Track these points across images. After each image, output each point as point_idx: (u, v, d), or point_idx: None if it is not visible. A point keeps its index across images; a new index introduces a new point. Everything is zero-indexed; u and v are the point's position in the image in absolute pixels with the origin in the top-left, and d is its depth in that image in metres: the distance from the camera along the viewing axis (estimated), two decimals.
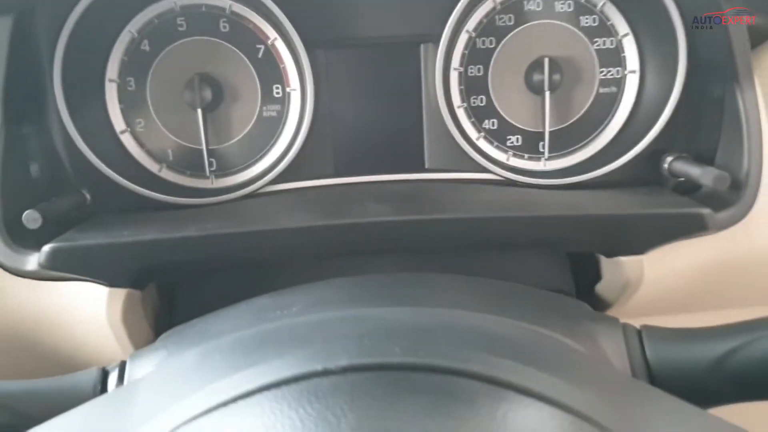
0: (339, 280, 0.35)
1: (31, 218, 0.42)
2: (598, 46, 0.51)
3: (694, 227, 0.42)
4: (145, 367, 0.31)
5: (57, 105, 0.46)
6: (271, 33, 0.50)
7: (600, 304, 0.49)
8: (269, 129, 0.51)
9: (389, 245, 0.45)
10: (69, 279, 0.43)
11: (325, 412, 0.21)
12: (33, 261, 0.42)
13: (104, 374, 0.32)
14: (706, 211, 0.42)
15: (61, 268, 0.41)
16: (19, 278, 0.43)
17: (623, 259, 0.44)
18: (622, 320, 0.33)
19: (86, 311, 0.42)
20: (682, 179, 0.48)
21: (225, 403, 0.22)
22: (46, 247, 0.41)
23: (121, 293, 0.42)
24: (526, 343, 0.28)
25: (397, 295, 0.32)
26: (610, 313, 0.49)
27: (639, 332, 0.33)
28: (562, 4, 0.50)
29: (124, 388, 0.29)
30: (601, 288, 0.49)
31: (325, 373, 0.23)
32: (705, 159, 0.47)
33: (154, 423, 0.23)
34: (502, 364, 0.24)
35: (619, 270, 0.45)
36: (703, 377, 0.30)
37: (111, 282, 0.42)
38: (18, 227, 0.43)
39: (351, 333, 0.26)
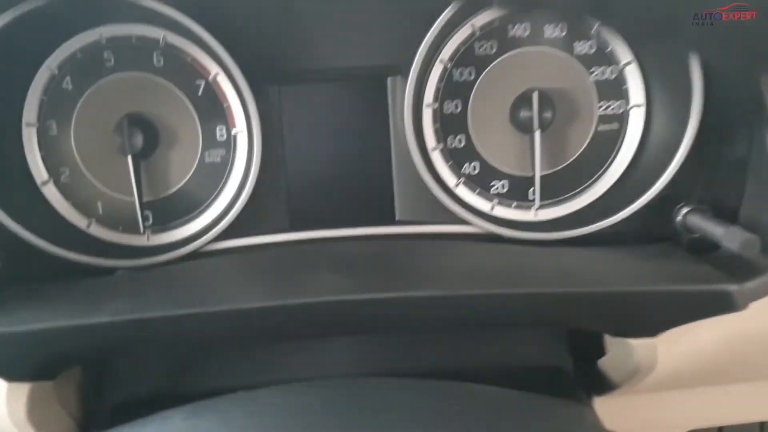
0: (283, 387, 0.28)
1: None
2: (596, 76, 0.43)
3: (719, 307, 0.34)
4: None
5: None
6: (213, 67, 0.43)
7: (604, 383, 0.41)
8: (213, 177, 0.44)
9: (349, 326, 0.38)
10: None
11: None
12: None
13: None
14: (734, 287, 0.34)
15: None
16: None
17: (632, 341, 0.36)
18: (631, 397, 0.26)
19: None
20: (699, 236, 0.40)
21: None
22: None
23: (23, 388, 0.35)
24: None
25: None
26: (618, 393, 0.41)
27: None
28: (554, 28, 0.43)
29: None
30: (605, 365, 0.41)
31: None
32: (726, 211, 0.39)
33: None
34: None
35: (627, 351, 0.37)
36: None
37: (9, 376, 0.35)
38: None
39: None
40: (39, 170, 0.43)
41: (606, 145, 0.44)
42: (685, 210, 0.40)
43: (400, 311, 0.37)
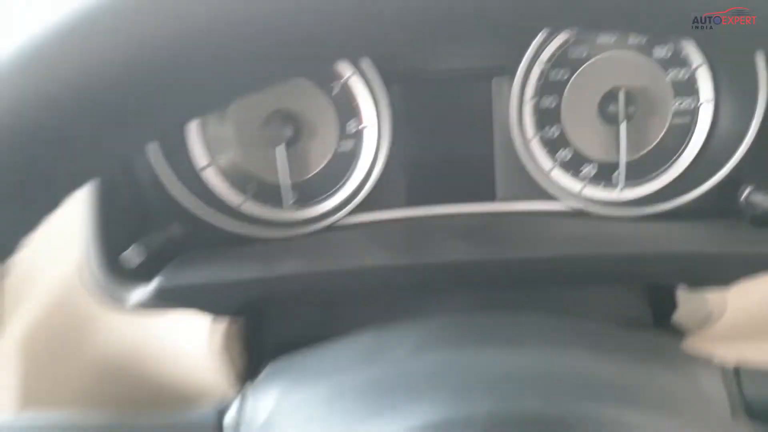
0: (434, 320, 0.36)
1: (130, 257, 0.44)
2: (671, 76, 0.51)
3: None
4: (261, 406, 0.32)
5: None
6: (347, 70, 0.51)
7: (677, 333, 0.50)
8: (344, 163, 0.52)
9: (463, 283, 0.46)
10: (169, 311, 0.45)
11: None
12: (134, 296, 0.44)
13: (220, 413, 0.33)
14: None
15: (167, 304, 0.43)
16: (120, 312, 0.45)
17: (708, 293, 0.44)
18: (704, 348, 0.34)
19: (187, 341, 0.44)
20: (761, 212, 0.48)
21: None
22: (152, 286, 0.43)
23: (221, 324, 0.44)
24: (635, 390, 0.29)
25: (500, 336, 0.33)
26: (689, 341, 0.49)
27: (737, 372, 0.34)
28: (636, 36, 0.50)
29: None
30: (679, 317, 0.49)
31: (467, 420, 0.24)
32: None
33: None
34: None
35: (700, 302, 0.45)
36: None
37: (214, 314, 0.44)
38: (117, 265, 0.45)
39: (480, 378, 0.27)
40: (201, 156, 0.52)
41: (680, 135, 0.51)
42: (749, 189, 0.48)
43: (508, 270, 0.45)
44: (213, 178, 0.52)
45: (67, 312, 0.45)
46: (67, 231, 0.47)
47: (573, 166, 0.52)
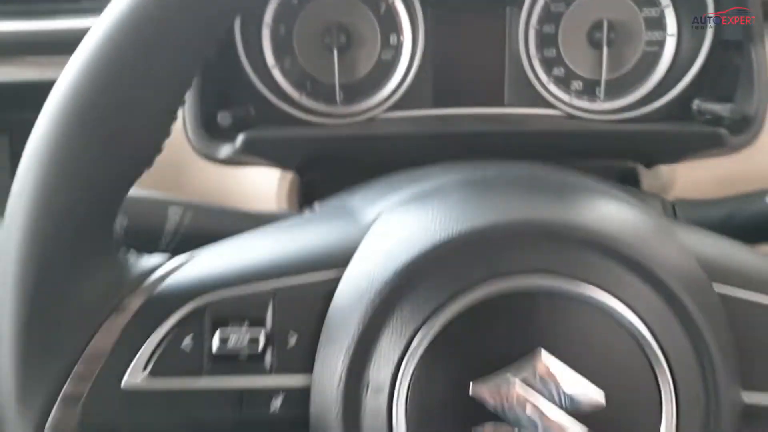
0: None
1: (223, 118, 0.57)
2: (645, 14, 0.65)
3: (716, 142, 0.57)
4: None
5: (235, 40, 0.62)
6: None
7: None
8: (385, 69, 0.66)
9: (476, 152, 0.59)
10: (245, 164, 0.58)
11: None
12: (222, 150, 0.57)
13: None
14: (723, 131, 0.56)
15: (247, 157, 0.56)
16: (208, 163, 0.58)
17: (661, 167, 0.59)
18: None
19: (260, 190, 0.57)
20: (708, 117, 0.62)
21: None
22: (238, 140, 0.56)
23: (287, 176, 0.58)
24: None
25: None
26: None
27: (673, 203, 0.48)
28: None
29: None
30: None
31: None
32: (725, 101, 0.62)
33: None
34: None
35: (656, 177, 0.59)
36: (718, 230, 0.44)
37: (283, 166, 0.57)
38: (209, 126, 0.58)
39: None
40: (270, 57, 0.65)
41: (650, 60, 0.65)
42: (698, 101, 0.62)
43: (510, 141, 0.58)
44: (278, 75, 0.65)
45: (169, 161, 0.57)
46: None
47: (565, 81, 0.66)
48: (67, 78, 0.31)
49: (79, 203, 0.32)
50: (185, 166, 0.57)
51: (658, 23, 0.65)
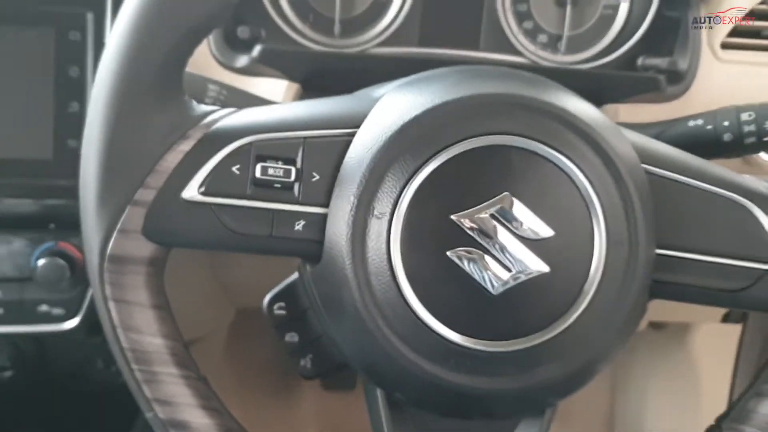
0: None
1: (243, 31, 0.65)
2: None
3: (653, 86, 0.68)
4: None
5: None
6: None
7: None
8: (379, 9, 0.75)
9: None
10: (257, 75, 0.67)
11: None
12: (240, 60, 0.66)
13: None
14: (661, 77, 0.68)
15: (265, 62, 0.65)
16: (227, 72, 0.67)
17: (606, 106, 0.70)
18: None
19: (271, 96, 0.66)
20: (650, 71, 0.73)
21: None
22: (258, 47, 0.65)
23: (293, 86, 0.67)
24: None
25: None
26: None
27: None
28: None
29: None
30: None
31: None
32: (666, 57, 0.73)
33: None
34: None
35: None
36: None
37: (291, 77, 0.66)
38: (229, 40, 0.66)
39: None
40: None
41: (606, 21, 0.77)
42: (643, 57, 0.74)
43: None
44: (286, 5, 0.74)
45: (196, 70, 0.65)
46: None
47: (532, 33, 0.77)
48: None
49: (159, 51, 0.41)
50: (208, 73, 0.66)
51: None
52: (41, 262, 0.63)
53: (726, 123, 0.58)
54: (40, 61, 0.62)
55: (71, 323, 0.66)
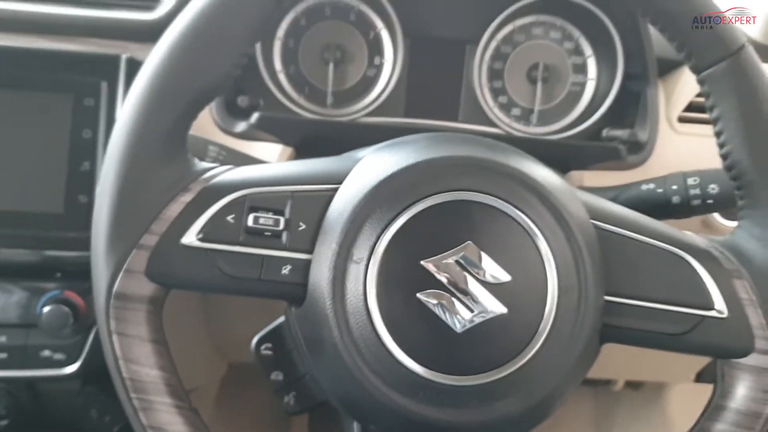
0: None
1: (242, 100, 0.72)
2: (572, 60, 0.84)
3: (615, 155, 0.74)
4: None
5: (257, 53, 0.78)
6: (380, 24, 0.82)
7: None
8: (368, 83, 0.82)
9: None
10: (254, 139, 0.73)
11: None
12: (239, 126, 0.73)
13: None
14: (622, 147, 0.74)
15: (262, 128, 0.71)
16: (227, 137, 0.73)
17: (572, 173, 0.76)
18: None
19: (267, 159, 0.72)
20: (614, 141, 0.80)
21: None
22: (256, 115, 0.71)
23: (287, 151, 0.73)
24: None
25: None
26: None
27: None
28: (555, 32, 0.83)
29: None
30: None
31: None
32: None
33: None
34: None
35: (570, 181, 0.77)
36: None
37: (286, 142, 0.73)
38: (229, 108, 0.73)
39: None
40: (278, 64, 0.81)
41: (574, 97, 0.84)
42: (607, 129, 0.81)
43: None
44: (283, 79, 0.81)
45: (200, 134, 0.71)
46: None
47: (507, 107, 0.84)
48: (165, 42, 0.47)
49: (166, 118, 0.47)
50: (209, 137, 0.72)
51: (582, 69, 0.84)
52: (47, 309, 0.67)
53: (674, 187, 0.64)
54: (57, 123, 0.69)
55: (71, 368, 0.70)
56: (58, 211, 0.68)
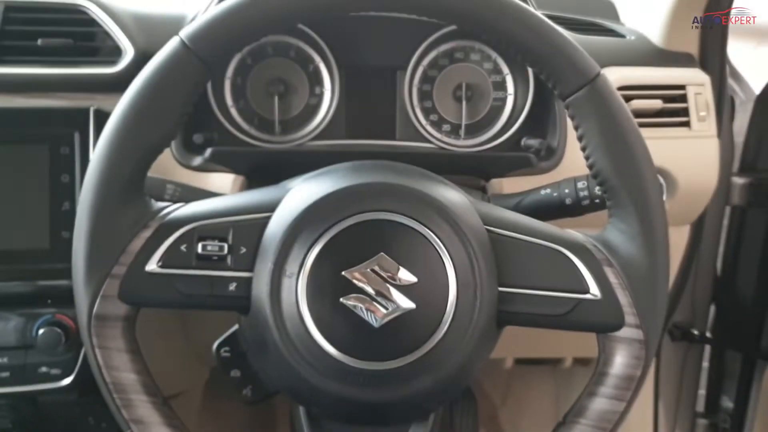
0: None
1: (197, 138, 0.83)
2: (492, 79, 0.94)
3: (527, 163, 0.85)
4: None
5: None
6: (317, 58, 0.92)
7: None
8: (311, 111, 0.92)
9: None
10: (210, 171, 0.83)
11: None
12: (195, 160, 0.83)
13: None
14: (533, 157, 0.85)
15: (215, 161, 0.82)
16: (185, 170, 0.84)
17: (492, 180, 0.87)
18: None
19: (220, 189, 0.82)
20: (530, 150, 0.91)
21: None
22: (209, 150, 0.82)
23: (239, 179, 0.83)
24: None
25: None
26: None
27: (489, 196, 0.75)
28: (475, 55, 0.94)
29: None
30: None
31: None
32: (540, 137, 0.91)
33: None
34: None
35: (493, 188, 0.87)
36: (512, 209, 0.70)
37: (237, 172, 0.83)
38: (186, 144, 0.84)
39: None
40: (229, 99, 0.91)
41: (495, 111, 0.94)
42: (524, 139, 0.91)
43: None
44: (234, 113, 0.92)
45: (161, 168, 0.81)
46: None
47: (438, 124, 0.94)
48: (120, 105, 0.57)
49: (126, 166, 0.57)
50: (170, 171, 0.82)
51: (502, 86, 0.94)
52: (41, 331, 0.78)
53: (567, 190, 0.75)
54: (38, 171, 0.79)
55: (66, 380, 0.80)
56: (45, 246, 0.78)
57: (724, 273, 1.19)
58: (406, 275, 0.56)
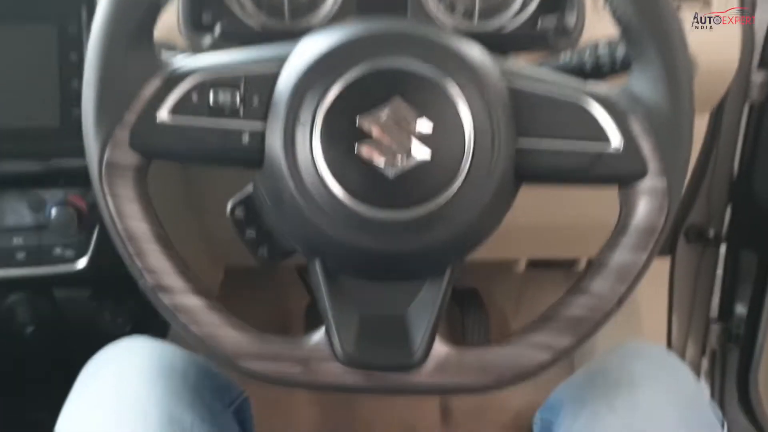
0: None
1: (207, 17, 0.81)
2: None
3: (545, 42, 0.83)
4: None
5: None
6: None
7: None
8: None
9: None
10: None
11: None
12: (205, 40, 0.82)
13: None
14: (550, 33, 0.83)
15: (225, 40, 0.80)
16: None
17: (511, 55, 0.85)
18: None
19: None
20: (547, 29, 0.89)
21: None
22: (218, 26, 0.80)
23: None
24: None
25: None
26: None
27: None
28: None
29: None
30: None
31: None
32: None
33: None
34: None
35: None
36: None
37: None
38: (195, 23, 0.82)
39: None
40: None
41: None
42: (542, 18, 0.89)
43: None
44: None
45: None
46: None
47: (451, 6, 0.91)
48: None
49: (131, 20, 0.56)
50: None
51: None
52: (54, 211, 0.78)
53: (587, 53, 0.73)
54: (46, 50, 0.78)
55: (81, 263, 0.81)
56: (55, 124, 0.77)
57: (740, 173, 1.17)
58: (422, 123, 0.55)
